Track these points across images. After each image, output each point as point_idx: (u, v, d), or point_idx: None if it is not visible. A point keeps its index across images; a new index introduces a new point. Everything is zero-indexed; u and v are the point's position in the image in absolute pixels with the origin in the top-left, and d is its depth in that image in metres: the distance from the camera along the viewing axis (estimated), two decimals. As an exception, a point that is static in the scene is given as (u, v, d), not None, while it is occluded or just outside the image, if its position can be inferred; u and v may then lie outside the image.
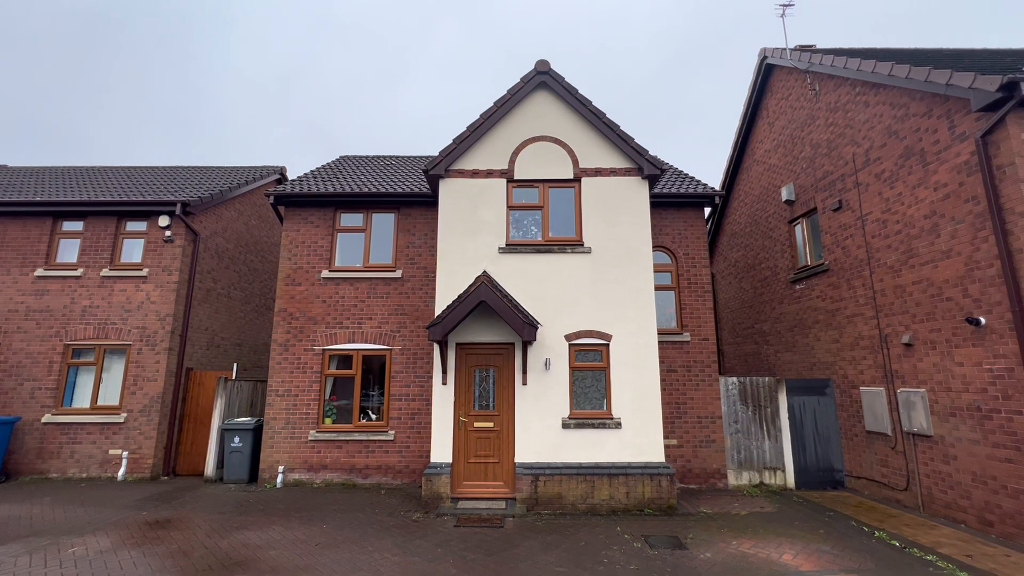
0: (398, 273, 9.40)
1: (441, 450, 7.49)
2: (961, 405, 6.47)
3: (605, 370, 7.70)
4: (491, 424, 7.64)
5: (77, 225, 10.18)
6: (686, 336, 9.16)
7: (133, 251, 10.08)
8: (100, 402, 9.44)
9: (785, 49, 10.36)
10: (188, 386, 9.88)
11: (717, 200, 9.68)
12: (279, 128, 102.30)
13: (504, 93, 8.44)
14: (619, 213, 8.13)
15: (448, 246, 8.06)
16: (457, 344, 7.79)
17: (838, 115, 8.92)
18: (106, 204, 9.97)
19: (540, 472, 7.27)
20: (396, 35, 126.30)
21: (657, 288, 8.77)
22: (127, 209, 10.02)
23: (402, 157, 13.48)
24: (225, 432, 9.00)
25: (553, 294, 7.86)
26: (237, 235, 12.15)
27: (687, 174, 10.65)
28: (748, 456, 8.78)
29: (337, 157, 13.17)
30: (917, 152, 7.16)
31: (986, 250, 6.10)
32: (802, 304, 9.94)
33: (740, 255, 12.55)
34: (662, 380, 8.79)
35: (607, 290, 7.86)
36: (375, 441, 8.82)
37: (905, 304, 7.39)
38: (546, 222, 8.22)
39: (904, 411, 7.35)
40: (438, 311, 7.71)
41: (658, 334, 8.32)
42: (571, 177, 8.30)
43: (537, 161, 8.37)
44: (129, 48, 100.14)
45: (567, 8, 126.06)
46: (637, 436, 7.45)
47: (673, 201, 9.59)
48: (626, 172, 8.28)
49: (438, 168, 8.24)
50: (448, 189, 8.29)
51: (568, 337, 7.75)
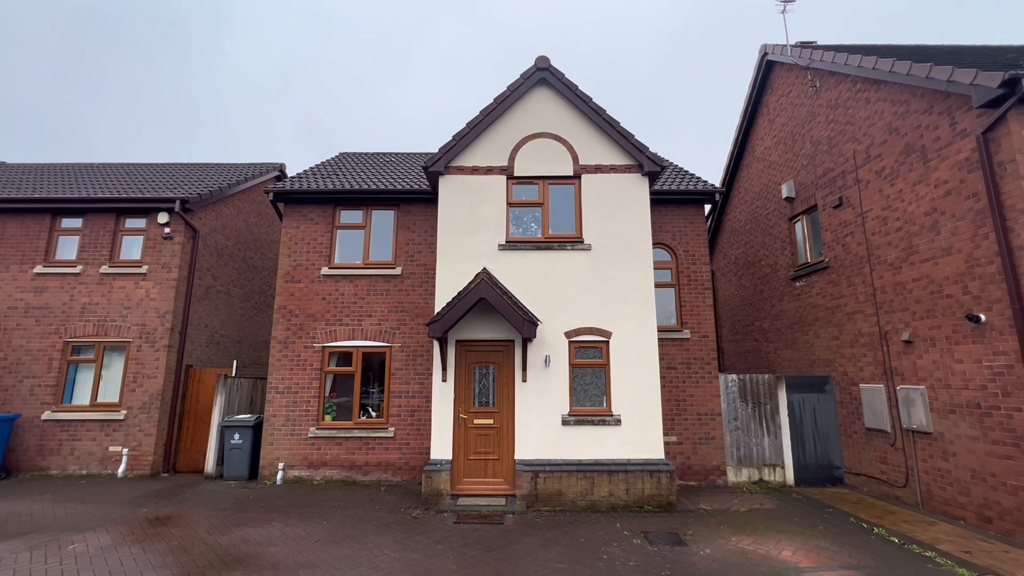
0: (398, 270, 9.39)
1: (441, 447, 7.49)
2: (960, 402, 6.48)
3: (605, 367, 7.70)
4: (491, 421, 7.65)
5: (76, 222, 10.16)
6: (686, 333, 9.16)
7: (132, 248, 10.06)
8: (100, 399, 9.44)
9: (786, 46, 10.33)
10: (188, 383, 9.89)
11: (717, 197, 9.67)
12: (278, 126, 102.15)
13: (504, 90, 8.42)
14: (619, 210, 8.12)
15: (448, 243, 8.05)
16: (457, 341, 7.79)
17: (839, 112, 8.90)
18: (105, 201, 9.95)
19: (540, 469, 7.28)
20: (395, 33, 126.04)
21: (657, 285, 8.76)
22: (126, 206, 10.00)
23: (402, 154, 13.46)
24: (225, 429, 9.01)
25: (553, 291, 7.85)
26: (236, 232, 12.14)
27: (687, 171, 10.63)
28: (748, 453, 8.79)
29: (337, 154, 13.14)
30: (918, 149, 7.14)
31: (986, 247, 6.09)
32: (802, 301, 9.94)
33: (740, 252, 12.54)
34: (662, 377, 8.80)
35: (607, 287, 7.86)
36: (375, 438, 8.83)
37: (905, 301, 7.39)
38: (546, 219, 8.20)
39: (903, 408, 7.36)
40: (438, 308, 7.70)
41: (658, 331, 8.32)
42: (571, 174, 8.28)
43: (537, 158, 8.35)
44: (128, 46, 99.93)
45: (566, 6, 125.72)
46: (637, 433, 7.46)
47: (673, 198, 9.58)
48: (626, 169, 8.27)
49: (438, 165, 8.22)
50: (448, 186, 8.27)
51: (568, 334, 7.75)
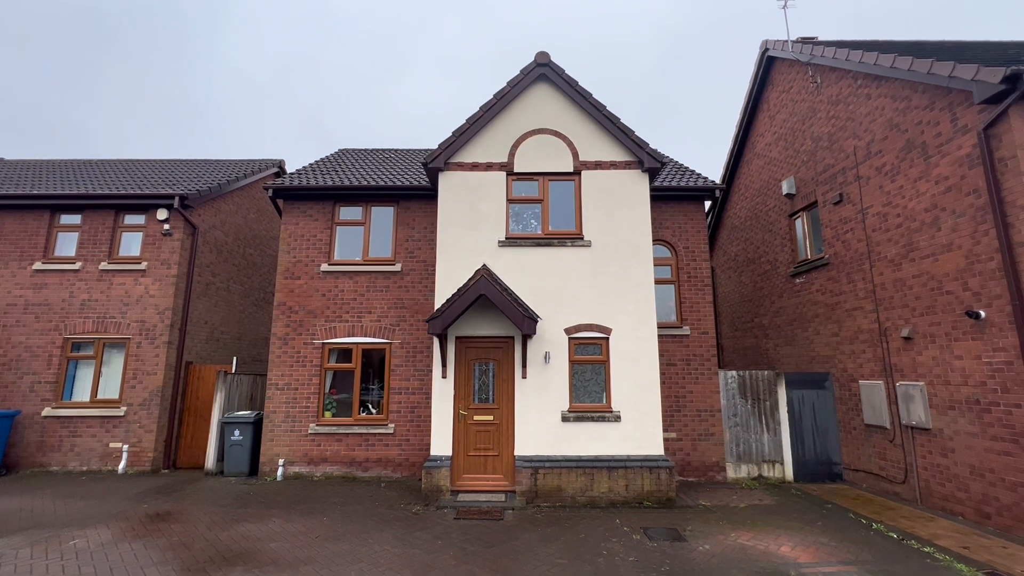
0: (397, 267, 9.38)
1: (441, 443, 7.50)
2: (960, 398, 6.48)
3: (605, 363, 7.71)
4: (491, 417, 7.65)
5: (75, 218, 10.13)
6: (686, 330, 9.16)
7: (131, 244, 10.04)
8: (100, 396, 9.45)
9: (787, 41, 10.28)
10: (188, 380, 9.89)
11: (717, 193, 9.65)
12: (277, 123, 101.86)
13: (504, 85, 8.38)
14: (619, 206, 8.10)
15: (447, 239, 8.04)
16: (457, 338, 7.78)
17: (839, 108, 8.87)
18: (104, 197, 9.92)
19: (540, 465, 7.29)
20: (394, 31, 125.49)
21: (657, 282, 8.76)
22: (125, 202, 9.97)
23: (401, 150, 13.42)
24: (225, 425, 9.01)
25: (553, 288, 7.84)
26: (236, 228, 12.11)
27: (687, 167, 10.61)
28: (747, 449, 8.81)
29: (336, 150, 13.10)
30: (919, 145, 7.13)
31: (987, 243, 6.08)
32: (802, 298, 9.94)
33: (740, 249, 12.53)
34: (661, 373, 8.80)
35: (607, 284, 7.85)
36: (375, 434, 8.83)
37: (905, 298, 7.39)
38: (546, 215, 8.19)
39: (903, 404, 7.36)
40: (438, 305, 7.70)
41: (658, 328, 8.30)
42: (571, 170, 8.26)
43: (537, 154, 8.32)
44: (126, 42, 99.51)
45: (566, 5, 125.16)
46: (636, 429, 7.46)
47: (673, 194, 9.56)
48: (626, 165, 8.25)
49: (437, 161, 8.20)
50: (447, 182, 8.25)
51: (568, 331, 7.74)
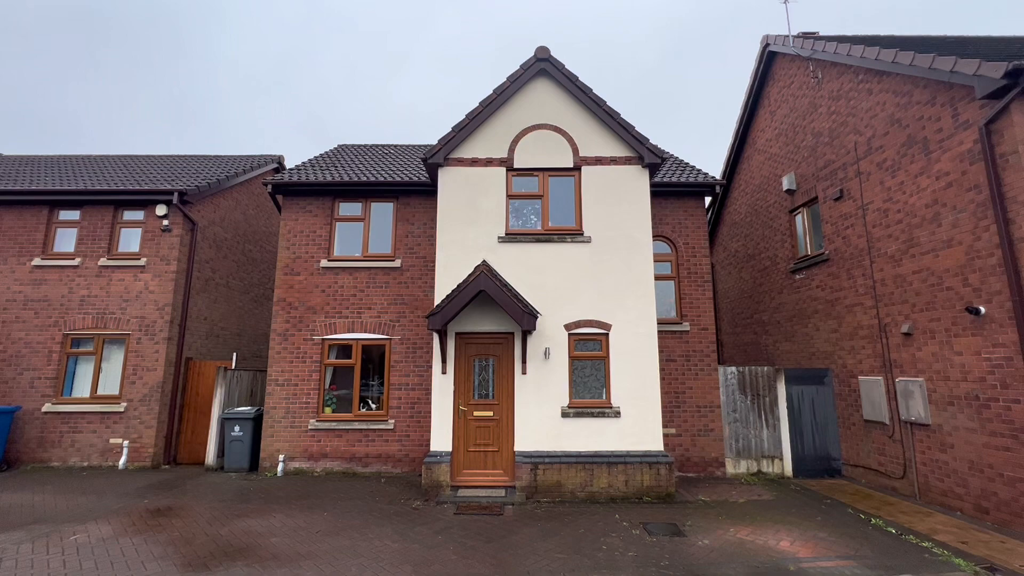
0: (397, 263, 9.37)
1: (441, 439, 7.51)
2: (959, 394, 6.49)
3: (604, 359, 7.71)
4: (491, 413, 7.66)
5: (74, 214, 10.11)
6: (685, 326, 9.16)
7: (131, 240, 10.03)
8: (100, 391, 9.45)
9: (788, 36, 10.24)
10: (188, 376, 9.89)
11: (718, 189, 9.63)
12: (276, 119, 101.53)
13: (503, 81, 8.35)
14: (619, 202, 8.08)
15: (447, 235, 8.02)
16: (456, 333, 7.78)
17: (840, 103, 8.84)
18: (103, 193, 9.89)
19: (539, 460, 7.30)
20: (393, 26, 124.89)
21: (657, 278, 8.76)
22: (124, 198, 9.94)
23: (401, 146, 13.38)
24: (225, 421, 9.03)
25: (553, 283, 7.84)
26: (235, 224, 12.09)
27: (688, 163, 10.59)
28: (746, 445, 8.83)
29: (335, 146, 13.07)
30: (920, 140, 7.11)
31: (987, 239, 6.08)
32: (802, 294, 9.94)
33: (740, 245, 12.52)
34: (661, 369, 8.81)
35: (607, 279, 7.84)
36: (375, 430, 8.85)
37: (905, 294, 7.39)
38: (546, 211, 8.17)
39: (902, 400, 7.37)
40: (437, 300, 7.69)
41: (658, 324, 8.30)
42: (571, 166, 8.24)
43: (537, 149, 8.30)
44: (124, 38, 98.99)
45: (566, 1, 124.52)
46: (636, 425, 7.48)
47: (673, 190, 9.54)
48: (626, 161, 8.22)
49: (437, 156, 8.18)
50: (447, 178, 8.23)
51: (568, 326, 7.74)
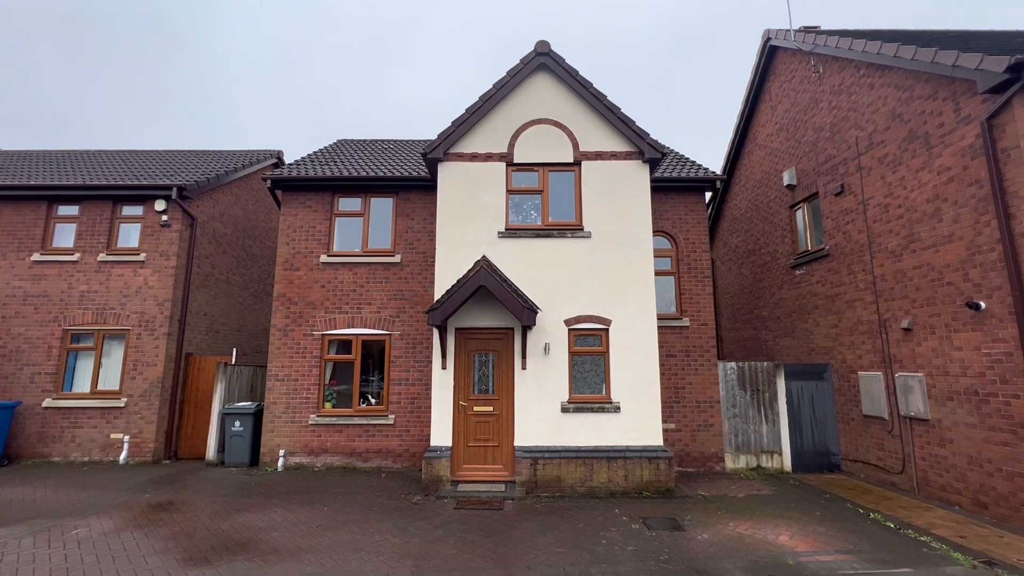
0: (397, 258, 9.35)
1: (441, 434, 7.53)
2: (959, 389, 6.50)
3: (604, 355, 7.71)
4: (491, 408, 7.67)
5: (73, 209, 10.08)
6: (685, 321, 9.16)
7: (130, 236, 10.01)
8: (100, 387, 9.46)
9: (789, 30, 10.18)
10: (188, 371, 9.90)
11: (718, 184, 9.61)
12: (275, 113, 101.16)
13: (504, 75, 8.31)
14: (619, 197, 8.06)
15: (447, 231, 8.01)
16: (456, 329, 7.78)
17: (842, 98, 8.80)
18: (102, 188, 9.86)
19: (539, 455, 7.32)
20: (393, 20, 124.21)
21: (657, 273, 8.75)
22: (123, 193, 9.91)
23: (400, 141, 13.33)
24: (226, 416, 9.04)
25: (553, 279, 7.83)
26: (235, 220, 12.07)
27: (688, 158, 10.55)
28: (746, 440, 8.85)
29: (335, 141, 13.02)
30: (921, 135, 7.08)
31: (988, 234, 6.06)
32: (802, 289, 9.93)
33: (740, 240, 12.51)
34: (661, 365, 8.81)
35: (607, 275, 7.84)
36: (375, 425, 8.86)
37: (905, 289, 7.38)
38: (546, 206, 8.15)
39: (901, 395, 7.38)
40: (437, 296, 7.69)
41: (657, 319, 8.30)
42: (571, 161, 8.21)
43: (537, 144, 8.27)
44: (122, 33, 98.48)
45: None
46: (636, 420, 7.49)
47: (674, 185, 9.52)
48: (627, 156, 8.19)
49: (437, 151, 8.15)
50: (447, 173, 8.20)
51: (568, 322, 7.74)
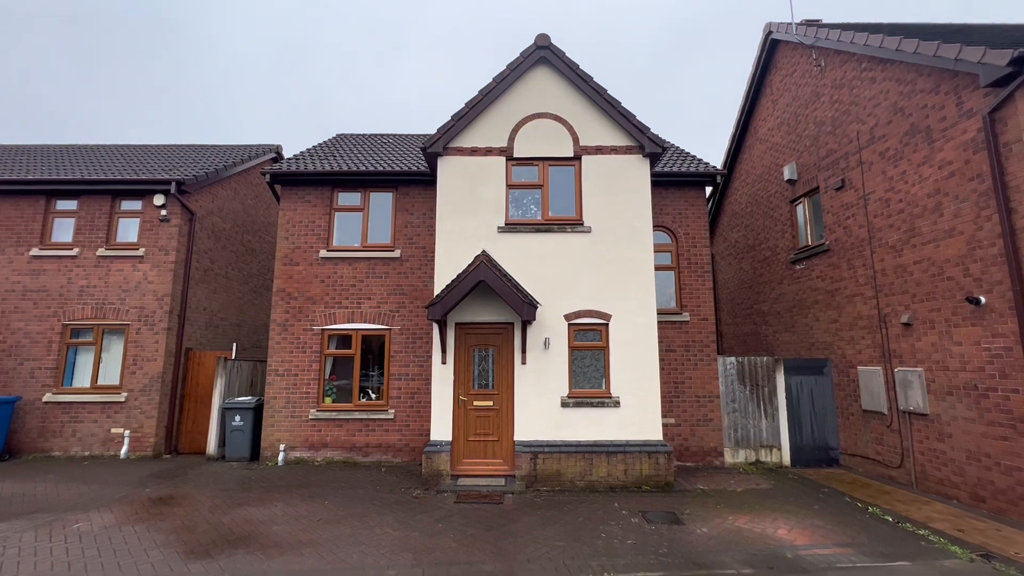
0: (396, 253, 9.33)
1: (441, 428, 7.54)
2: (958, 384, 6.51)
3: (604, 349, 7.72)
4: (490, 403, 7.68)
5: (71, 204, 10.04)
6: (685, 316, 9.16)
7: (129, 230, 9.98)
8: (100, 381, 9.47)
9: (791, 24, 10.12)
10: (188, 366, 9.90)
11: (718, 179, 9.58)
12: (274, 107, 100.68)
13: (503, 68, 8.26)
14: (620, 192, 8.04)
15: (447, 225, 7.99)
16: (456, 324, 7.78)
17: (843, 92, 8.76)
18: (100, 183, 9.82)
19: (539, 450, 7.34)
20: (392, 15, 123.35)
21: (657, 268, 8.73)
22: (122, 188, 9.87)
23: (400, 135, 13.29)
24: (226, 411, 9.06)
25: (552, 273, 7.82)
26: (234, 215, 12.03)
27: (688, 153, 10.52)
28: (745, 434, 8.87)
29: (334, 135, 12.97)
30: (923, 129, 7.05)
31: (989, 229, 6.05)
32: (802, 284, 9.92)
33: (740, 235, 12.48)
34: (661, 360, 8.82)
35: (607, 270, 7.83)
36: (375, 420, 8.88)
37: (905, 284, 7.37)
38: (546, 201, 8.13)
39: (901, 390, 7.39)
40: (437, 291, 7.68)
41: (657, 314, 8.29)
42: (571, 155, 8.18)
43: (537, 138, 8.23)
44: (120, 27, 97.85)
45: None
46: (635, 415, 7.50)
47: (674, 180, 9.49)
48: (627, 150, 8.16)
49: (436, 146, 8.11)
50: (446, 167, 8.17)
51: (567, 317, 7.74)
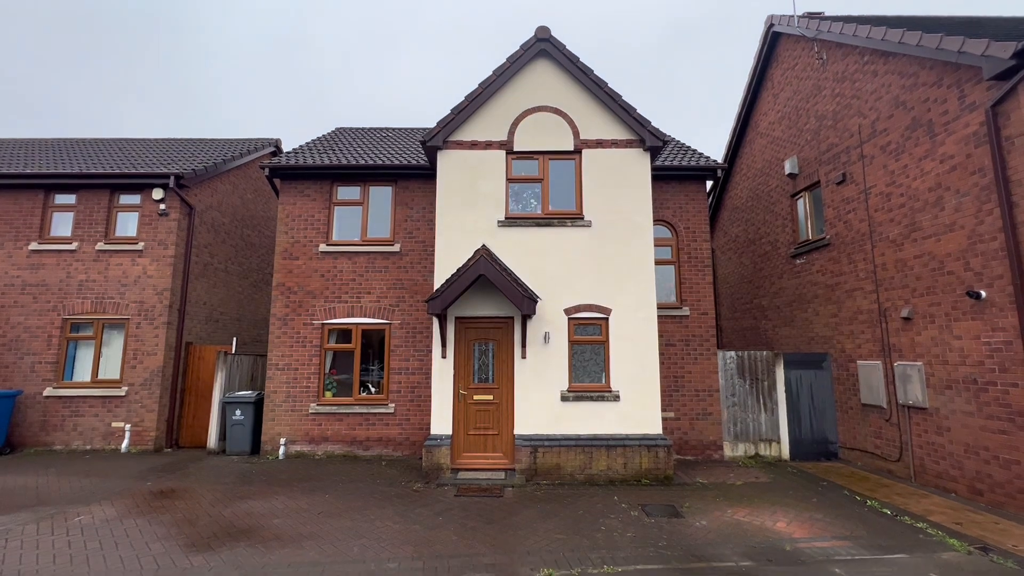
0: (396, 247, 9.32)
1: (441, 422, 7.56)
2: (957, 378, 6.52)
3: (604, 344, 7.72)
4: (490, 397, 7.70)
5: (70, 198, 10.01)
6: (685, 310, 9.16)
7: (128, 224, 9.95)
8: (101, 376, 9.48)
9: (793, 16, 10.06)
10: (188, 360, 9.91)
11: (719, 173, 9.55)
12: (273, 101, 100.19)
13: (503, 61, 8.21)
14: (620, 186, 8.01)
15: (447, 219, 7.97)
16: (456, 318, 7.78)
17: (845, 85, 8.71)
18: (99, 177, 9.79)
19: (539, 443, 7.36)
20: (391, 9, 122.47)
21: (657, 262, 8.71)
22: (120, 182, 9.84)
23: (399, 129, 13.22)
24: (226, 405, 9.07)
25: (553, 268, 7.81)
26: (233, 209, 12.00)
27: (689, 147, 10.48)
28: (744, 428, 8.90)
29: (333, 129, 12.91)
30: (925, 123, 7.02)
31: (990, 223, 6.04)
32: (802, 279, 9.92)
33: (741, 230, 12.47)
34: (661, 354, 8.82)
35: (607, 264, 7.82)
36: (375, 414, 8.90)
37: (905, 278, 7.37)
38: (546, 195, 8.10)
39: (900, 384, 7.41)
40: (437, 285, 7.67)
41: (657, 308, 8.29)
42: (572, 149, 8.14)
43: (537, 132, 8.19)
44: (118, 22, 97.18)
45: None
46: (635, 409, 7.52)
47: (675, 174, 9.46)
48: (627, 144, 8.13)
49: (436, 139, 8.08)
50: (446, 161, 8.14)
51: (567, 311, 7.73)
